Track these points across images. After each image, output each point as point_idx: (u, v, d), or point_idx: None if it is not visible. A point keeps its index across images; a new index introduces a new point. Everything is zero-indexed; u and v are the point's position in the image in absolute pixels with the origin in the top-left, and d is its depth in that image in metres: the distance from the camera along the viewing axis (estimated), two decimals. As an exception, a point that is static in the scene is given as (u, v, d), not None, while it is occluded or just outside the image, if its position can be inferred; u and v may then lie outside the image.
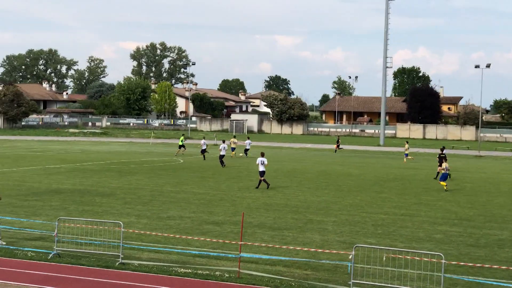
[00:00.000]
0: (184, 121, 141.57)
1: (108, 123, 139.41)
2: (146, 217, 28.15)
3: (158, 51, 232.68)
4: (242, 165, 56.12)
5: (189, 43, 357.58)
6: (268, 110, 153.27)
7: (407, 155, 67.89)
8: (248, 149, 66.89)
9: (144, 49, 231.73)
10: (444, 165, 41.54)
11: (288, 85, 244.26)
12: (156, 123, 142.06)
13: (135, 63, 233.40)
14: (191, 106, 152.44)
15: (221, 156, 55.02)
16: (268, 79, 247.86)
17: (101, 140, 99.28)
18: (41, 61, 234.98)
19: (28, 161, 54.97)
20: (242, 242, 20.29)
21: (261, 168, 39.78)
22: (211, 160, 60.56)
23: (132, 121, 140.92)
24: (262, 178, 39.56)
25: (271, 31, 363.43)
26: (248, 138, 72.63)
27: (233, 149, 66.15)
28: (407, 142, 70.49)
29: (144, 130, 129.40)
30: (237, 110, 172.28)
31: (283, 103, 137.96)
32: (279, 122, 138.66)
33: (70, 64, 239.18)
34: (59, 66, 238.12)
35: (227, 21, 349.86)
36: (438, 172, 44.87)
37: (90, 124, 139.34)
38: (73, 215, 27.67)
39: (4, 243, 21.96)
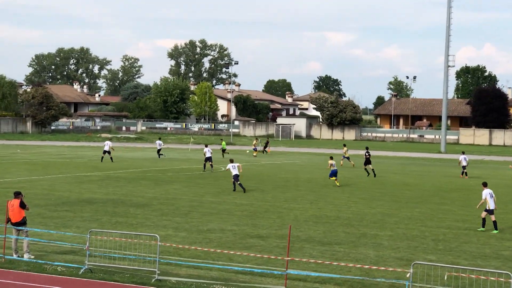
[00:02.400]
0: (226, 125, 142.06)
1: (144, 128, 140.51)
2: (184, 230, 28.29)
3: (198, 49, 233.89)
4: (288, 174, 56.11)
5: (231, 40, 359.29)
6: (317, 113, 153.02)
7: (347, 157, 67.93)
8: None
9: (183, 47, 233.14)
10: (330, 162, 47.64)
11: (339, 86, 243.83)
12: (195, 127, 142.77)
13: (172, 62, 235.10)
14: (233, 109, 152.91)
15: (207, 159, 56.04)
16: (317, 80, 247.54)
17: (136, 146, 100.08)
18: (72, 61, 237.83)
19: (58, 168, 55.67)
20: (289, 258, 20.28)
21: (235, 172, 42.76)
22: (256, 167, 60.64)
23: (169, 125, 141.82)
24: (238, 183, 42.41)
25: (321, 28, 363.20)
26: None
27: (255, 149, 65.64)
28: (345, 145, 72.72)
29: (182, 135, 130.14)
30: (284, 113, 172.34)
31: (333, 106, 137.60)
32: (329, 126, 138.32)
33: (103, 63, 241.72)
34: (91, 66, 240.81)
35: (273, 17, 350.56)
36: None
37: (124, 128, 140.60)
38: (106, 227, 27.93)
39: (32, 256, 22.26)
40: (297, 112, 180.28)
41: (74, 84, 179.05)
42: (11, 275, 20.35)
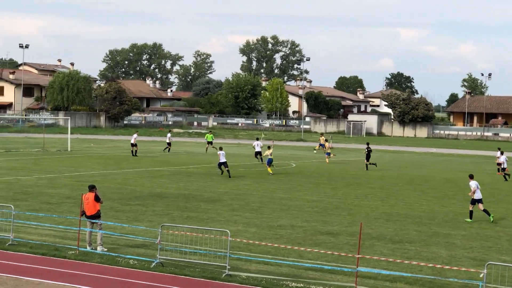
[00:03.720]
0: (297, 121, 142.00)
1: (215, 123, 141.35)
2: (255, 226, 28.39)
3: (270, 45, 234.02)
4: (359, 171, 55.80)
5: (303, 36, 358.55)
6: (389, 110, 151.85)
7: (322, 145, 71.69)
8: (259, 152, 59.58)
9: (255, 43, 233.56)
10: (268, 151, 51.11)
11: (412, 83, 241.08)
12: (266, 123, 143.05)
13: (244, 58, 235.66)
14: (304, 105, 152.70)
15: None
16: (389, 77, 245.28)
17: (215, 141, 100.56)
18: (144, 56, 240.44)
19: (130, 163, 56.40)
20: (360, 255, 20.17)
21: (223, 159, 47.36)
22: (327, 164, 60.48)
23: (240, 121, 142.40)
24: (227, 169, 47.05)
25: (394, 24, 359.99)
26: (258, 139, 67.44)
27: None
28: (322, 134, 77.90)
29: (253, 131, 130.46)
30: (355, 110, 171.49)
31: (405, 103, 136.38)
32: (401, 123, 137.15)
33: (175, 59, 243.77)
34: (163, 62, 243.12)
35: (345, 13, 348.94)
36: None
37: (195, 123, 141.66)
38: (177, 221, 28.19)
39: (105, 249, 22.61)
40: (369, 109, 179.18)
41: (146, 79, 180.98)
42: (85, 267, 20.71)
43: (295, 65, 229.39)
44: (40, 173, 46.34)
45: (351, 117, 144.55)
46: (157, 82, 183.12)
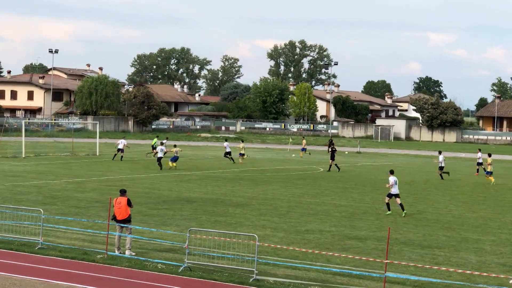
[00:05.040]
0: (325, 126, 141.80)
1: (243, 128, 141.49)
2: (282, 230, 28.37)
3: (297, 50, 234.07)
4: (387, 175, 55.49)
5: (330, 41, 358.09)
6: (417, 115, 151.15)
7: (304, 149, 77.20)
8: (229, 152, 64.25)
9: (282, 47, 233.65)
10: (174, 149, 55.43)
11: (440, 87, 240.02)
12: (294, 128, 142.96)
13: (272, 62, 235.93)
14: (332, 109, 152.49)
15: (159, 159, 54.79)
16: (417, 81, 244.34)
17: (235, 146, 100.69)
18: (172, 61, 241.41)
19: (157, 167, 56.48)
20: (388, 261, 20.10)
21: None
22: (355, 168, 60.34)
23: (268, 125, 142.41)
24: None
25: (422, 28, 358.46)
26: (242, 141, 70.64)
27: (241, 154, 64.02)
28: (304, 137, 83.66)
29: (281, 136, 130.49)
30: (383, 114, 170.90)
31: (434, 107, 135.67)
32: (429, 128, 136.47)
33: (203, 63, 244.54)
34: (191, 66, 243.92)
35: (373, 17, 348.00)
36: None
37: (223, 128, 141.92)
38: (205, 226, 28.24)
39: (134, 253, 22.69)
40: (397, 113, 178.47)
41: (174, 83, 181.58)
42: (114, 271, 20.80)
43: (323, 70, 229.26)
44: (69, 177, 46.64)
45: (379, 121, 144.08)
46: (185, 86, 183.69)
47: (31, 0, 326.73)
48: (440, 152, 55.74)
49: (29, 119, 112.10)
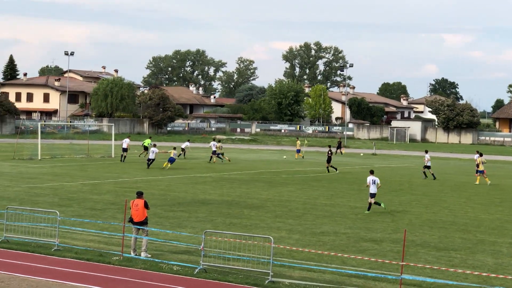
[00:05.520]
0: (340, 128, 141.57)
1: (258, 129, 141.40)
2: (298, 232, 28.37)
3: (313, 52, 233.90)
4: (402, 177, 55.45)
5: (346, 43, 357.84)
6: (433, 116, 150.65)
7: (299, 151, 77.49)
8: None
9: (298, 49, 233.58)
10: (173, 151, 57.52)
11: (456, 89, 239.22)
12: (309, 130, 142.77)
13: (287, 64, 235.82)
14: (347, 111, 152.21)
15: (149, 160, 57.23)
16: (433, 83, 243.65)
17: (250, 148, 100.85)
18: (188, 63, 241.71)
19: (173, 169, 56.62)
20: (404, 263, 20.06)
21: (152, 156, 56.25)
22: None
23: (283, 127, 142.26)
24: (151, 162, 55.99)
25: (438, 29, 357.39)
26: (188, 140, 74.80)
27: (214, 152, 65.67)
28: (298, 138, 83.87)
29: (296, 138, 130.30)
30: (398, 116, 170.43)
31: (450, 109, 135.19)
32: (445, 130, 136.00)
33: (218, 65, 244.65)
34: (206, 68, 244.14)
35: (388, 19, 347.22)
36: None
37: (238, 130, 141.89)
38: (220, 228, 28.28)
39: (149, 255, 22.75)
40: (412, 115, 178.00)
41: (190, 86, 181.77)
42: (129, 273, 20.87)
43: (338, 72, 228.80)
44: (85, 179, 46.80)
45: (394, 123, 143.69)
46: (200, 88, 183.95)
47: (47, 3, 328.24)
48: (426, 151, 56.52)
49: (45, 121, 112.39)
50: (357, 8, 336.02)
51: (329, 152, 59.26)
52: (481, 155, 53.73)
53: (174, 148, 59.52)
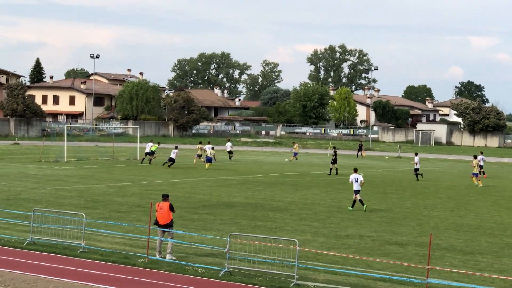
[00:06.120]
0: (365, 130, 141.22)
1: (283, 132, 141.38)
2: (323, 235, 28.32)
3: (337, 55, 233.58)
4: (428, 180, 55.17)
5: (371, 45, 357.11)
6: (458, 119, 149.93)
7: (296, 154, 74.98)
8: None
9: (322, 52, 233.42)
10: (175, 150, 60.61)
11: (482, 91, 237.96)
12: (334, 132, 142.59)
13: (312, 67, 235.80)
14: (372, 114, 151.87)
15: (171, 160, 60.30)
16: (459, 85, 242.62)
17: (275, 150, 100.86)
18: (213, 66, 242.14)
19: (198, 172, 56.78)
20: (430, 266, 19.95)
21: (173, 156, 59.00)
22: (395, 173, 60.04)
23: (308, 130, 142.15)
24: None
25: (464, 31, 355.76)
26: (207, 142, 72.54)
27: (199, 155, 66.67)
28: (294, 143, 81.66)
29: (321, 140, 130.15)
30: (424, 119, 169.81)
31: (476, 112, 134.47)
32: (471, 133, 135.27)
33: (243, 68, 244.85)
34: (231, 71, 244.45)
35: (413, 21, 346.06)
36: None
37: (263, 133, 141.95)
38: (245, 230, 28.26)
39: (174, 258, 22.79)
40: (438, 118, 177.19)
41: (214, 88, 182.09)
42: (154, 275, 20.91)
43: (363, 74, 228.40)
44: (110, 181, 46.99)
45: (419, 126, 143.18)
46: (225, 91, 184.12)
47: (73, 6, 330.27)
48: (416, 154, 57.03)
49: (71, 124, 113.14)
50: (382, 10, 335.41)
51: (334, 154, 59.73)
52: (475, 157, 54.04)
53: (176, 147, 62.39)
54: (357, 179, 36.06)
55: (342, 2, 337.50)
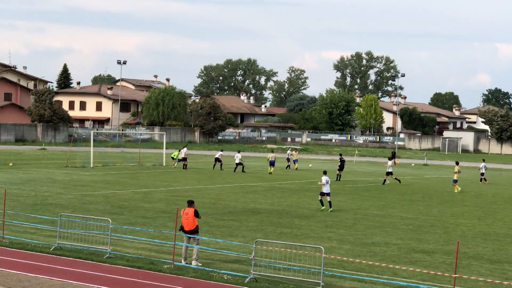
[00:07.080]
0: (391, 138, 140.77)
1: (309, 139, 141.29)
2: (348, 242, 28.24)
3: (364, 61, 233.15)
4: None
5: (397, 52, 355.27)
6: (486, 127, 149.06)
7: (296, 161, 73.62)
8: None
9: (349, 59, 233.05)
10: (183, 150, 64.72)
11: (510, 99, 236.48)
12: (360, 139, 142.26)
13: (338, 74, 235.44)
14: (399, 121, 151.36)
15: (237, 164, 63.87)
16: (486, 93, 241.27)
17: (301, 157, 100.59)
18: (239, 72, 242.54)
19: (224, 178, 56.84)
20: (456, 275, 19.83)
21: (238, 161, 62.90)
22: (422, 181, 59.77)
23: (334, 137, 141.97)
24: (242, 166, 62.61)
25: (492, 39, 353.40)
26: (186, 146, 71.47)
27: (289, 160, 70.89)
28: (295, 150, 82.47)
29: (347, 147, 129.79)
30: (450, 127, 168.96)
31: (504, 119, 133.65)
32: (498, 141, 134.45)
33: (269, 75, 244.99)
34: (257, 77, 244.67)
35: (440, 28, 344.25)
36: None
37: (289, 139, 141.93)
38: (271, 237, 28.23)
39: (200, 264, 22.82)
40: (465, 126, 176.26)
41: (241, 95, 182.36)
42: (180, 281, 20.94)
43: (390, 81, 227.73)
44: (136, 187, 47.15)
45: (446, 133, 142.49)
46: (251, 97, 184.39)
47: (100, 13, 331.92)
48: (457, 163, 57.07)
49: (97, 130, 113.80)
50: (409, 17, 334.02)
51: (341, 160, 60.63)
52: (457, 163, 55.39)
53: (179, 151, 64.36)
54: (328, 181, 38.09)
55: (369, 9, 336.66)
